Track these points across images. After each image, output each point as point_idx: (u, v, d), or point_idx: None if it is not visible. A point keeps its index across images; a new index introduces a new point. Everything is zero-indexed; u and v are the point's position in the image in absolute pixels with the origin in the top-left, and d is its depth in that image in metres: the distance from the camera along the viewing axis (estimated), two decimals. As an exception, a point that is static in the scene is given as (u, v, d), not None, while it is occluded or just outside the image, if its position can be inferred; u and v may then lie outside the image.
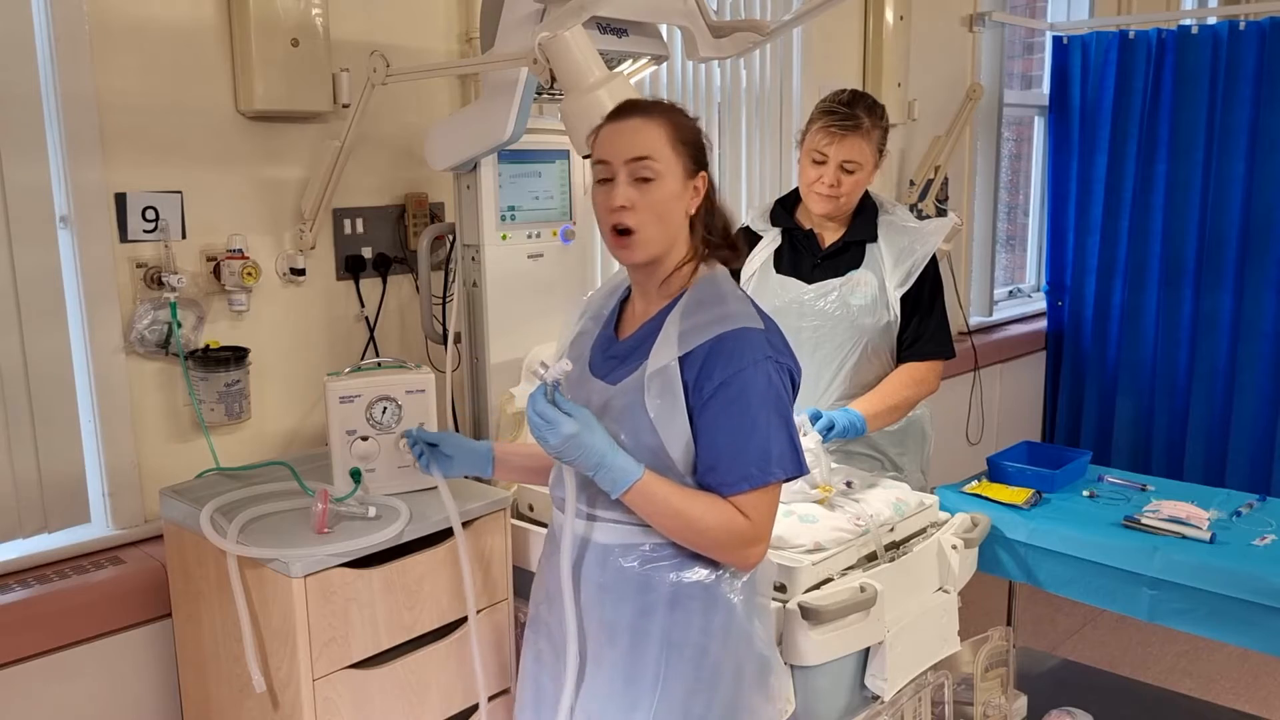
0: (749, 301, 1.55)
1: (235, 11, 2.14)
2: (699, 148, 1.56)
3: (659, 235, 1.52)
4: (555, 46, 1.82)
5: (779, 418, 1.49)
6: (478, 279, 2.24)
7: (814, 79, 3.49)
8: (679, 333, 1.49)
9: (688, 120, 1.56)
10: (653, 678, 1.55)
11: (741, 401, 1.46)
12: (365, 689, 1.83)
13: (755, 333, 1.49)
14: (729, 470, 1.48)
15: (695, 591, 1.54)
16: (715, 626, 1.55)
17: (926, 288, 2.29)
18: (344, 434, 1.98)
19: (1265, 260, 4.14)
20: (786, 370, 1.52)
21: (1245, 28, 4.08)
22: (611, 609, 1.57)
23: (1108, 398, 4.62)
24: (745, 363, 1.46)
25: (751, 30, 2.25)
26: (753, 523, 1.49)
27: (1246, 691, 3.23)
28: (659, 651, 1.54)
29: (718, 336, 1.47)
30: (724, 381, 1.46)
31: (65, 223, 2.01)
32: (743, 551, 1.52)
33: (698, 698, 1.55)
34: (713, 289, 1.54)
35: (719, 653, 1.55)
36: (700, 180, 1.55)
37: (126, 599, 2.02)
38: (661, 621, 1.54)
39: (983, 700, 2.26)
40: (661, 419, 1.48)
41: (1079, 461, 2.52)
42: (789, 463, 1.50)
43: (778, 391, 1.49)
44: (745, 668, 1.58)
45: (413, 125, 2.23)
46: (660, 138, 1.51)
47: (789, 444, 1.50)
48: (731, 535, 1.49)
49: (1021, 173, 5.04)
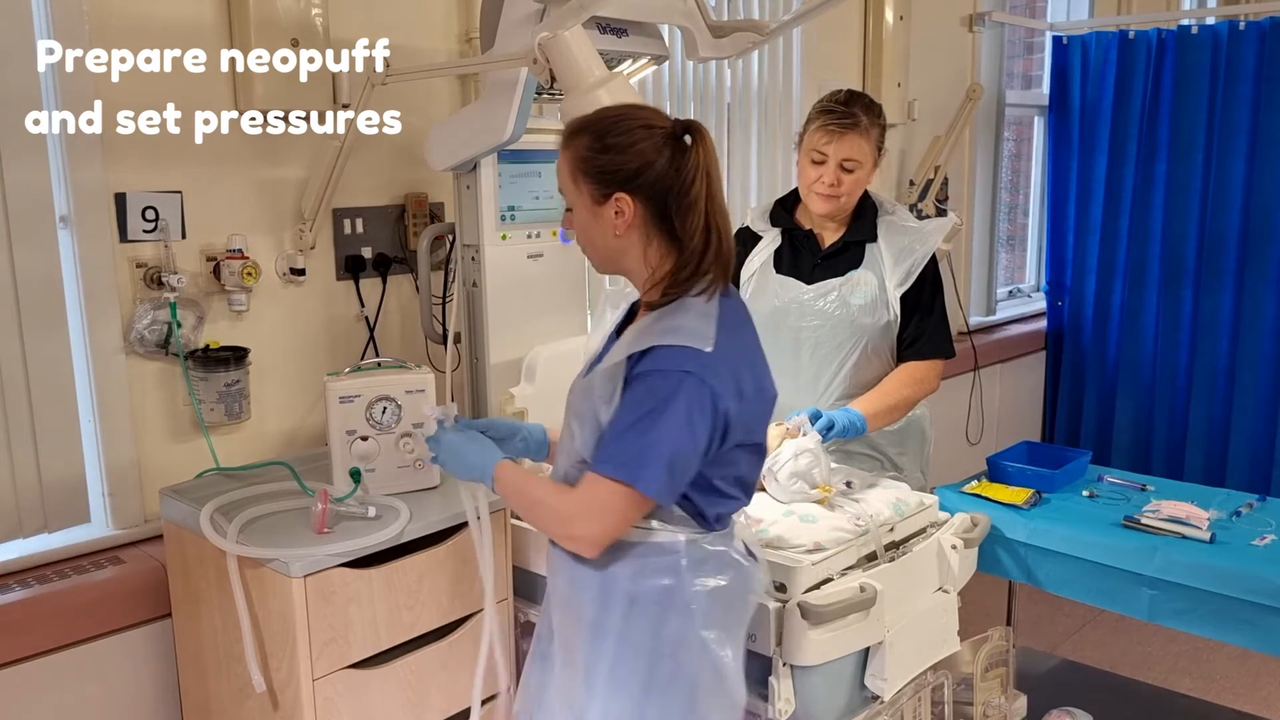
0: (714, 324, 1.50)
1: (235, 11, 2.14)
2: (609, 171, 1.50)
3: (595, 256, 1.59)
4: (555, 46, 1.82)
5: (656, 427, 1.44)
6: (478, 279, 2.24)
7: (814, 79, 3.49)
8: (631, 339, 1.51)
9: (599, 142, 1.50)
10: (608, 674, 1.56)
11: (636, 398, 1.47)
12: (365, 689, 1.83)
13: (694, 352, 1.46)
14: (604, 448, 1.48)
15: (653, 595, 1.54)
16: (670, 632, 1.55)
17: (926, 287, 2.29)
18: (344, 434, 1.98)
19: (1265, 260, 4.14)
20: (709, 392, 1.46)
21: (1245, 28, 4.08)
22: (575, 603, 1.59)
23: (1108, 398, 4.62)
24: (661, 367, 1.46)
25: (751, 30, 2.25)
26: (578, 503, 1.50)
27: (1246, 691, 3.23)
28: (615, 650, 1.55)
29: (655, 346, 1.47)
30: (638, 377, 1.47)
31: (65, 223, 2.01)
32: (564, 533, 1.55)
33: (651, 700, 1.55)
34: (680, 307, 1.52)
35: (672, 659, 1.55)
36: (619, 202, 1.50)
37: (126, 599, 2.02)
38: (619, 621, 1.55)
39: (982, 700, 2.26)
40: (604, 415, 1.50)
41: (1079, 461, 2.52)
42: (644, 476, 1.45)
43: (676, 404, 1.44)
44: (700, 676, 1.56)
45: (413, 125, 2.24)
46: (564, 170, 1.55)
47: (663, 463, 1.44)
48: (553, 515, 1.54)
49: (1021, 173, 5.04)
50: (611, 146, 1.50)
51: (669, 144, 1.49)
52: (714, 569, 1.57)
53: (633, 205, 1.50)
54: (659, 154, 1.49)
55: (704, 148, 1.50)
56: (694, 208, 1.49)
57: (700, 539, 1.57)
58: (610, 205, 1.51)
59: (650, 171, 1.49)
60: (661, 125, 1.51)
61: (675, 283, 1.52)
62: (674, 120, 1.52)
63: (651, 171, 1.49)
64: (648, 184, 1.49)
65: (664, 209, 1.50)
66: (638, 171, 1.49)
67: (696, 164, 1.49)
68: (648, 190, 1.50)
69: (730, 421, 1.50)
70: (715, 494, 1.56)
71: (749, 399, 1.53)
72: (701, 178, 1.49)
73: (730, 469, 1.56)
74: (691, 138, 1.50)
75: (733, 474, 1.57)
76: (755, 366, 1.59)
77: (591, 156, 1.51)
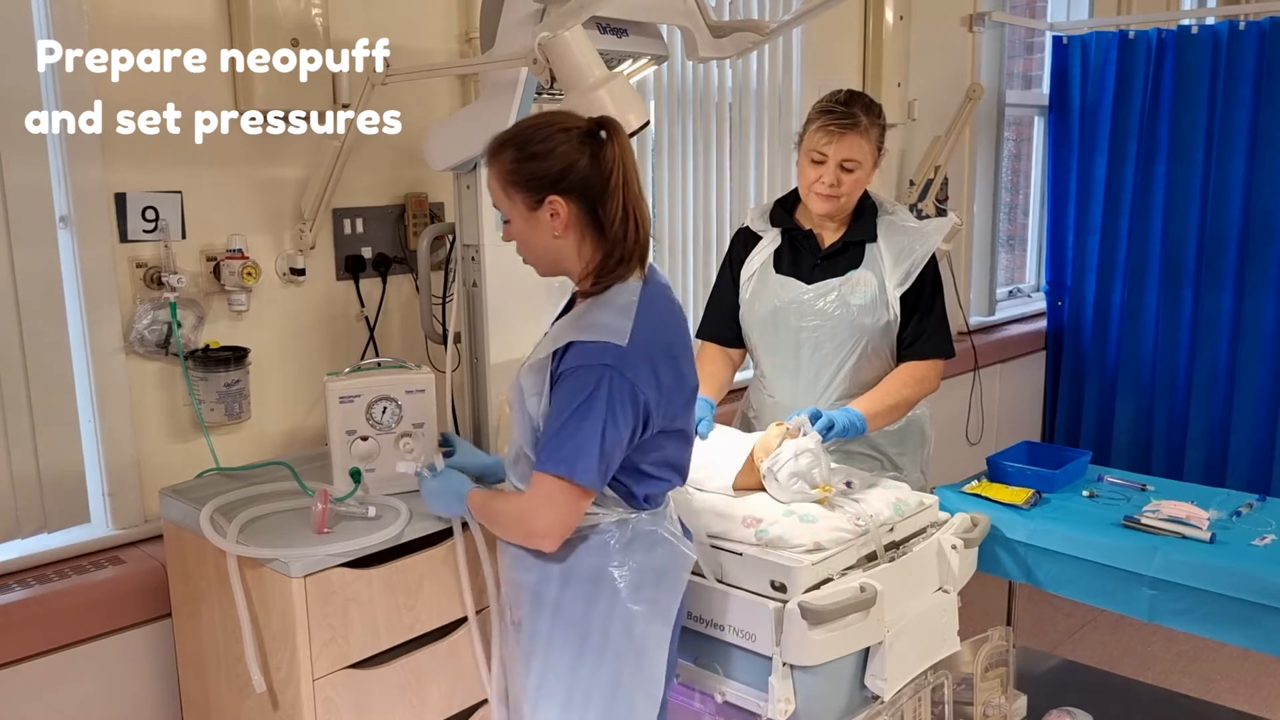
0: (630, 319, 1.60)
1: (235, 11, 2.14)
2: (537, 178, 1.60)
3: (538, 261, 1.70)
4: (555, 46, 1.82)
5: (584, 421, 1.55)
6: (478, 279, 2.24)
7: (814, 79, 3.49)
8: (553, 335, 1.63)
9: (522, 153, 1.60)
10: (545, 642, 1.70)
11: (563, 395, 1.58)
12: (365, 689, 1.83)
13: (611, 346, 1.57)
14: (543, 447, 1.60)
15: (586, 572, 1.67)
16: (600, 605, 1.67)
17: (926, 287, 2.29)
18: (344, 434, 1.98)
19: (1265, 260, 4.13)
20: (628, 384, 1.56)
21: (1245, 28, 4.08)
22: (521, 572, 1.72)
23: (1108, 398, 4.62)
24: (580, 364, 1.57)
25: (751, 30, 2.25)
26: (528, 502, 1.64)
27: (1246, 691, 3.22)
28: (550, 619, 1.69)
29: (572, 342, 1.58)
30: (562, 375, 1.58)
31: (65, 223, 2.01)
32: (522, 531, 1.67)
33: (581, 669, 1.68)
34: (601, 301, 1.63)
35: (601, 632, 1.67)
36: (553, 205, 1.60)
37: (126, 599, 2.02)
38: (555, 593, 1.68)
39: (982, 700, 2.26)
40: (533, 407, 1.63)
41: (1079, 461, 2.52)
42: (570, 463, 1.56)
43: (599, 398, 1.55)
44: (625, 652, 1.68)
45: (413, 125, 2.24)
46: (495, 187, 1.66)
47: (578, 448, 1.56)
48: (510, 520, 1.69)
49: (1021, 173, 5.04)
50: (535, 154, 1.60)
51: (587, 142, 1.60)
52: (645, 546, 1.69)
53: (565, 205, 1.60)
54: (580, 153, 1.59)
55: (619, 141, 1.61)
56: (614, 197, 1.60)
57: (631, 519, 1.69)
58: (545, 209, 1.61)
59: (575, 171, 1.59)
60: (577, 126, 1.61)
61: (605, 271, 1.64)
62: (587, 119, 1.62)
63: (576, 171, 1.59)
64: (575, 183, 1.60)
65: (592, 205, 1.61)
66: (563, 173, 1.59)
67: (613, 157, 1.59)
68: (576, 188, 1.60)
69: (650, 410, 1.61)
70: (643, 476, 1.68)
71: (668, 389, 1.64)
72: (619, 169, 1.60)
73: (657, 454, 1.68)
74: (606, 133, 1.60)
75: (660, 458, 1.69)
76: (675, 358, 1.68)
77: (518, 167, 1.61)
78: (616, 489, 1.67)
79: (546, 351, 1.61)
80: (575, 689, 1.69)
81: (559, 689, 1.70)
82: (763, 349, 2.39)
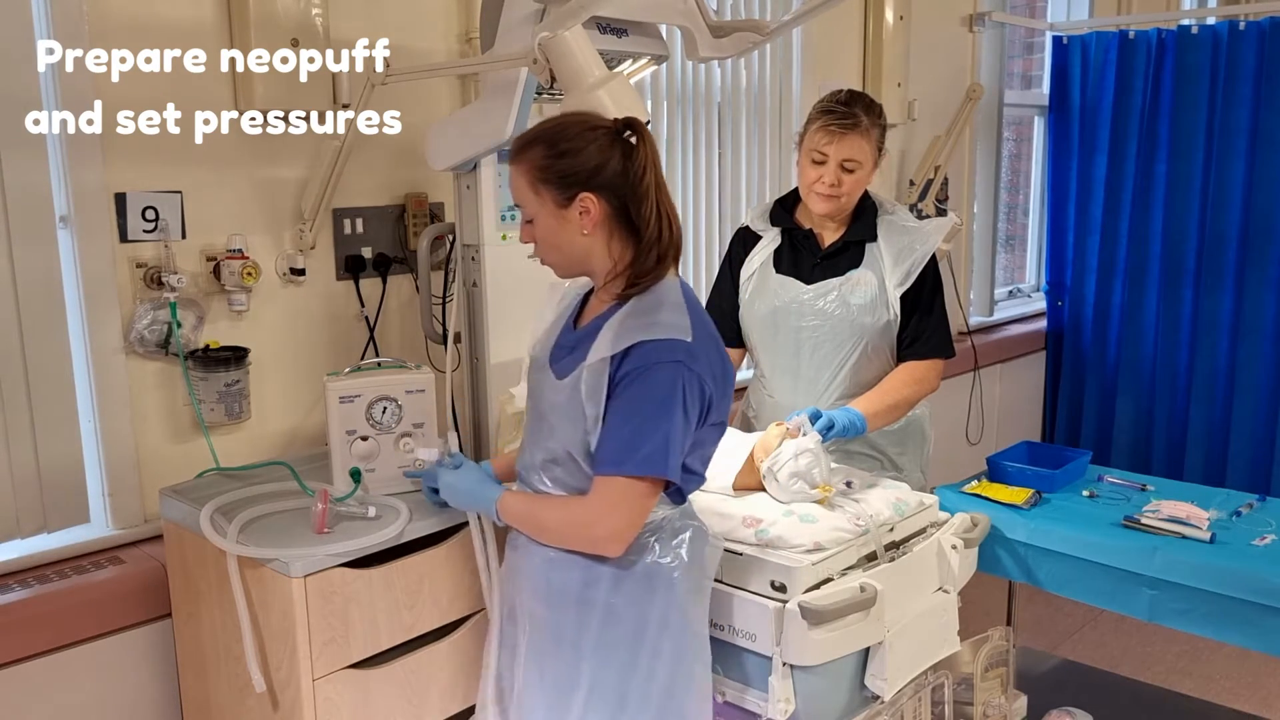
0: (686, 314, 1.60)
1: (235, 11, 2.14)
2: (569, 175, 1.58)
3: (562, 260, 1.67)
4: (555, 46, 1.82)
5: (665, 419, 1.54)
6: (478, 279, 2.24)
7: (814, 79, 3.49)
8: (613, 336, 1.59)
9: (553, 150, 1.59)
10: (594, 643, 1.64)
11: (637, 395, 1.55)
12: (365, 689, 1.83)
13: (677, 343, 1.56)
14: (604, 451, 1.57)
15: (638, 571, 1.63)
16: (655, 606, 1.64)
17: (926, 287, 2.29)
18: (344, 434, 1.98)
19: (1265, 260, 4.13)
20: (697, 378, 1.56)
21: (1245, 28, 4.08)
22: (562, 575, 1.65)
23: (1108, 398, 4.61)
24: (653, 361, 1.55)
25: (751, 30, 2.24)
26: (595, 506, 1.59)
27: (1246, 691, 3.23)
28: (600, 621, 1.63)
29: (641, 342, 1.56)
30: (629, 375, 1.56)
31: (65, 223, 2.01)
32: (587, 537, 1.61)
33: (637, 670, 1.63)
34: (653, 299, 1.62)
35: (657, 633, 1.64)
36: (584, 202, 1.59)
37: (126, 599, 2.02)
38: (605, 594, 1.63)
39: (983, 700, 2.26)
40: (590, 413, 1.58)
41: (1079, 461, 2.52)
42: (654, 463, 1.55)
43: (676, 394, 1.54)
44: (684, 649, 1.67)
45: (413, 125, 2.24)
46: (521, 184, 1.63)
47: (662, 446, 1.54)
48: (570, 526, 1.62)
49: (1021, 173, 5.04)
50: (566, 151, 1.59)
51: (617, 142, 1.60)
52: (686, 541, 1.68)
53: (597, 203, 1.59)
54: (611, 152, 1.59)
55: (648, 142, 1.61)
56: (647, 197, 1.59)
57: (672, 514, 1.69)
58: (575, 206, 1.60)
59: (607, 169, 1.59)
60: (605, 125, 1.61)
61: (643, 271, 1.62)
62: (614, 119, 1.62)
63: (608, 169, 1.59)
64: (606, 181, 1.59)
65: (622, 203, 1.60)
66: (596, 170, 1.58)
67: (644, 157, 1.59)
68: (607, 187, 1.59)
69: (713, 403, 1.61)
70: (690, 473, 1.66)
71: (719, 381, 1.63)
72: (651, 169, 1.59)
73: (702, 450, 1.66)
74: (636, 133, 1.60)
75: (703, 454, 1.68)
76: (721, 350, 1.67)
77: (549, 164, 1.59)
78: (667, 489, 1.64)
79: (606, 353, 1.57)
80: (630, 690, 1.63)
81: (610, 691, 1.63)
82: (762, 349, 2.39)
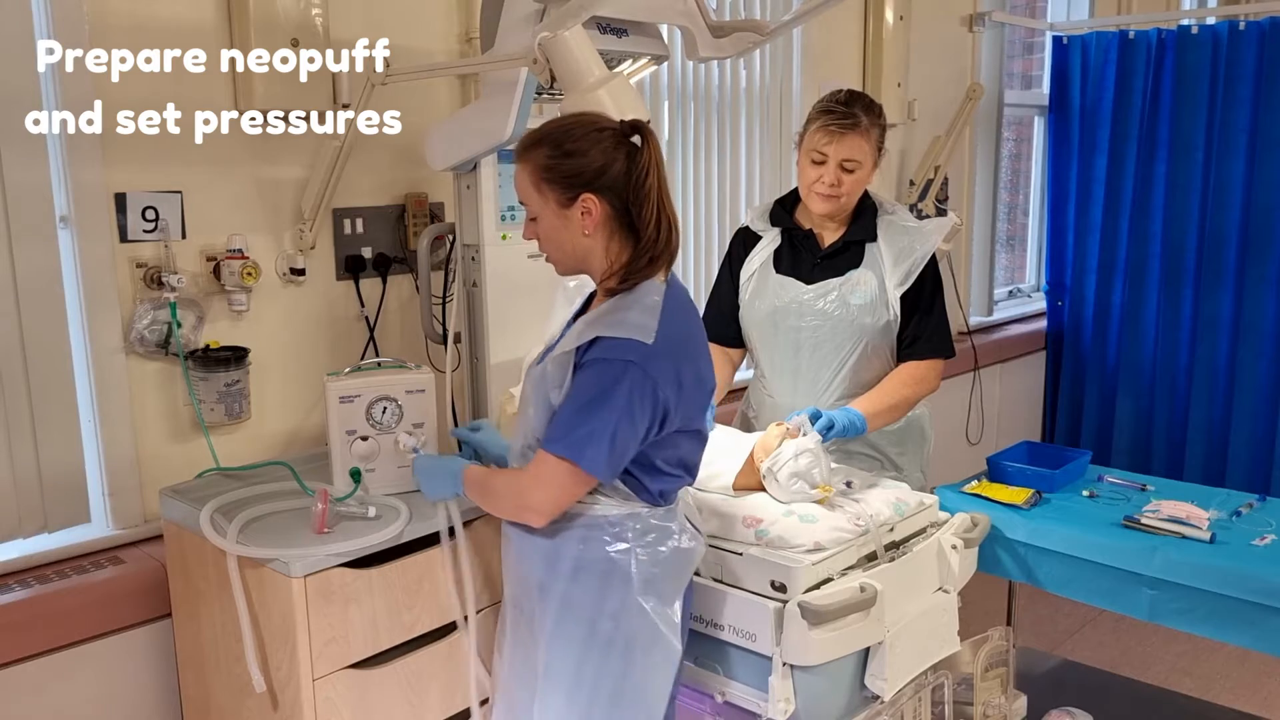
0: (656, 317, 1.61)
1: (235, 11, 2.14)
2: (572, 175, 1.61)
3: (563, 258, 1.70)
4: (555, 46, 1.82)
5: (600, 412, 1.58)
6: (478, 279, 2.24)
7: (814, 79, 3.49)
8: (582, 328, 1.63)
9: (558, 150, 1.61)
10: (550, 629, 1.71)
11: (582, 383, 1.60)
12: (365, 689, 1.83)
13: (636, 344, 1.58)
14: (553, 428, 1.63)
15: (597, 564, 1.68)
16: (610, 597, 1.68)
17: (926, 287, 2.29)
18: (344, 434, 1.98)
19: (1265, 260, 4.13)
20: (650, 382, 1.58)
21: (1245, 28, 4.08)
22: (526, 566, 1.74)
23: (1108, 398, 4.61)
24: (604, 356, 1.59)
25: (751, 30, 2.24)
26: (526, 478, 1.67)
27: (1246, 691, 3.22)
28: (558, 610, 1.70)
29: (600, 337, 1.60)
30: (584, 365, 1.61)
31: (65, 223, 2.01)
32: (516, 504, 1.69)
33: (588, 663, 1.69)
34: (631, 298, 1.64)
35: (611, 620, 1.68)
36: (586, 202, 1.62)
37: (126, 599, 2.02)
38: (564, 585, 1.69)
39: (983, 700, 2.26)
40: (554, 400, 1.64)
41: (1079, 461, 2.52)
42: (587, 455, 1.59)
43: (618, 391, 1.57)
44: (638, 634, 1.70)
45: (413, 125, 2.24)
46: (525, 183, 1.66)
47: (587, 436, 1.58)
48: (509, 493, 1.71)
49: (1021, 173, 5.04)
50: (572, 152, 1.61)
51: (622, 144, 1.62)
52: (656, 541, 1.71)
53: (599, 204, 1.62)
54: (615, 154, 1.61)
55: (652, 145, 1.63)
56: (649, 200, 1.62)
57: (644, 513, 1.71)
58: (577, 206, 1.63)
59: (610, 171, 1.61)
60: (611, 127, 1.63)
61: (634, 270, 1.65)
62: (620, 121, 1.64)
63: (612, 171, 1.61)
64: (609, 183, 1.61)
65: (624, 205, 1.63)
66: (599, 171, 1.61)
67: (648, 160, 1.62)
68: (609, 189, 1.62)
69: (669, 410, 1.62)
70: (658, 473, 1.69)
71: (688, 389, 1.65)
72: (654, 172, 1.62)
73: (672, 451, 1.70)
74: (641, 137, 1.62)
75: (675, 456, 1.71)
76: (695, 358, 1.70)
77: (554, 164, 1.62)
78: (630, 484, 1.69)
79: (572, 345, 1.62)
80: (581, 681, 1.69)
81: (563, 681, 1.70)
82: (763, 349, 2.39)
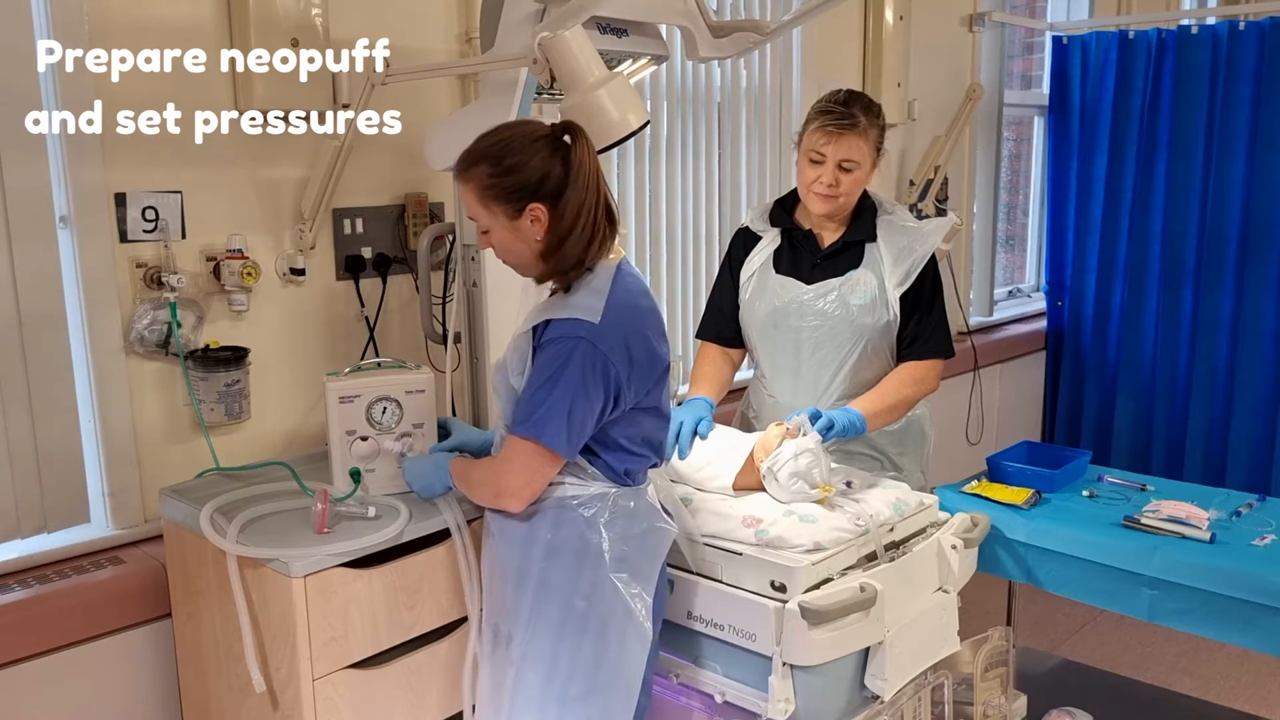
0: (603, 299, 1.68)
1: (235, 11, 2.14)
2: (515, 190, 1.66)
3: (520, 264, 1.77)
4: (555, 46, 1.82)
5: (555, 388, 1.65)
6: (478, 279, 2.24)
7: (814, 79, 3.49)
8: (534, 314, 1.72)
9: (498, 167, 1.66)
10: (528, 614, 1.76)
11: (539, 365, 1.68)
12: (365, 689, 1.83)
13: (580, 322, 1.66)
14: (517, 412, 1.71)
15: (569, 545, 1.74)
16: (583, 576, 1.74)
17: (926, 287, 2.29)
18: (344, 434, 1.98)
19: (1265, 260, 4.13)
20: (601, 355, 1.65)
21: (1245, 28, 4.08)
22: (504, 548, 1.80)
23: (1108, 398, 4.61)
24: (554, 336, 1.67)
25: (751, 30, 2.24)
26: (497, 464, 1.75)
27: (1246, 691, 3.23)
28: (534, 591, 1.76)
29: (549, 320, 1.68)
30: (539, 348, 1.69)
31: (65, 223, 2.01)
32: (492, 491, 1.76)
33: (565, 640, 1.75)
34: (579, 284, 1.71)
35: (584, 599, 1.74)
36: (534, 211, 1.67)
37: (126, 599, 2.02)
38: (539, 568, 1.75)
39: (983, 700, 2.26)
40: (517, 383, 1.72)
41: (1079, 461, 2.52)
42: (548, 432, 1.66)
43: (570, 367, 1.64)
44: (612, 612, 1.75)
45: (413, 125, 2.24)
46: (471, 200, 1.72)
47: (547, 414, 1.66)
48: (485, 480, 1.78)
49: (1021, 173, 5.04)
50: (511, 168, 1.67)
51: (558, 148, 1.68)
52: (626, 520, 1.77)
53: (546, 211, 1.68)
54: (553, 160, 1.67)
55: (584, 142, 1.68)
56: (586, 194, 1.68)
57: (614, 493, 1.77)
58: (526, 216, 1.69)
59: (552, 177, 1.67)
60: (544, 133, 1.69)
61: (579, 262, 1.71)
62: (551, 124, 1.70)
63: (553, 177, 1.67)
64: (552, 188, 1.67)
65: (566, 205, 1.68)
66: (541, 181, 1.67)
67: (581, 159, 1.67)
68: (553, 194, 1.67)
69: (622, 384, 1.69)
70: (622, 451, 1.76)
71: (640, 364, 1.72)
72: (589, 168, 1.68)
73: (635, 429, 1.77)
74: (571, 136, 1.68)
75: (638, 434, 1.78)
76: (647, 336, 1.75)
77: (495, 182, 1.68)
78: (597, 464, 1.76)
79: (526, 328, 1.70)
80: (557, 664, 1.75)
81: (540, 665, 1.75)
82: (763, 349, 2.39)
